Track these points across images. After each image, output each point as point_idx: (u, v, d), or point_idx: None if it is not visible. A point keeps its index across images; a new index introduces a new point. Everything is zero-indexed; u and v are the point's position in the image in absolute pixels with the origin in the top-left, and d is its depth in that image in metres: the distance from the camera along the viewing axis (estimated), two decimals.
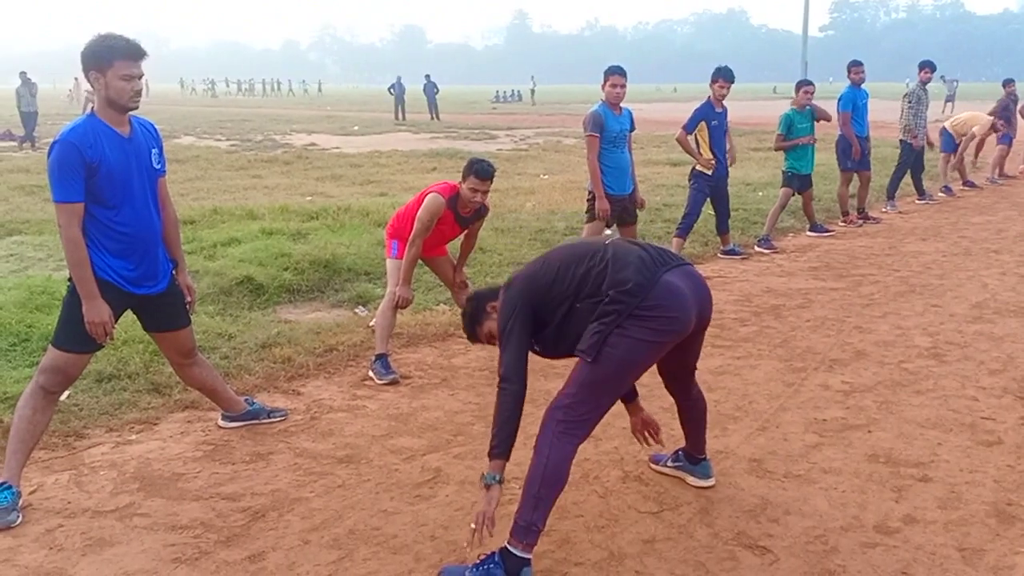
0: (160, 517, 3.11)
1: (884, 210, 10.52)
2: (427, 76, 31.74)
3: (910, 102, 10.39)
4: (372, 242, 7.33)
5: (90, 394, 4.16)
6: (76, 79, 49.47)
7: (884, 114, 20.27)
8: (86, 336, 3.25)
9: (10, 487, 3.10)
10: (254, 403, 4.05)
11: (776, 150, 9.10)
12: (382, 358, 4.65)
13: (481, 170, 4.58)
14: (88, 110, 3.38)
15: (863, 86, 9.60)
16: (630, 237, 6.17)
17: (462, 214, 4.75)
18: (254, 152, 17.88)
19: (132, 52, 3.17)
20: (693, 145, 7.60)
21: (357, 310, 5.94)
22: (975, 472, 3.47)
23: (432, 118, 30.53)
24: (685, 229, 7.48)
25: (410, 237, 4.65)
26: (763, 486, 3.37)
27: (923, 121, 10.44)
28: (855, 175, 9.64)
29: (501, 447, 2.74)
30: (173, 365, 3.84)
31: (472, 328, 3.12)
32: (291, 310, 5.93)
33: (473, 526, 2.71)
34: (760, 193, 10.84)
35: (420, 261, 4.93)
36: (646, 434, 3.36)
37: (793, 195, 8.69)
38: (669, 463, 3.44)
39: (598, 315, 2.65)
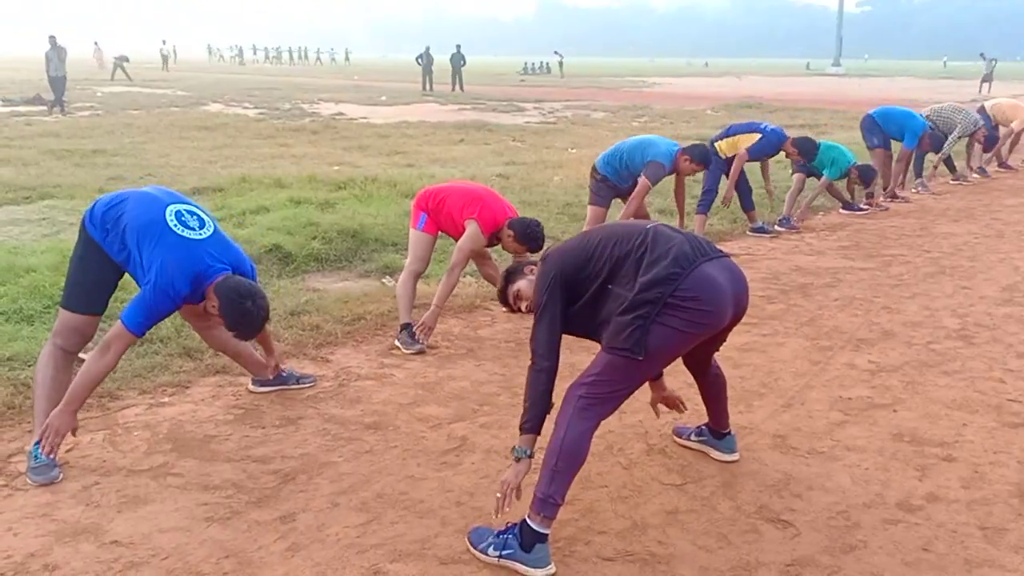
0: (193, 477, 3.18)
1: (914, 190, 10.39)
2: (457, 46, 31.58)
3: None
4: (399, 213, 7.36)
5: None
6: (96, 43, 49.87)
7: (917, 92, 19.96)
8: (92, 298, 3.33)
9: None
10: (283, 369, 4.11)
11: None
12: (407, 328, 4.70)
13: (535, 246, 4.64)
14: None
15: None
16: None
17: (493, 243, 4.82)
18: (282, 121, 17.95)
19: None
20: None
21: (384, 280, 5.98)
22: (999, 453, 3.47)
23: (453, 89, 30.40)
24: (706, 205, 7.44)
25: (450, 265, 4.70)
26: (787, 462, 3.38)
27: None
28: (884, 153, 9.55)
29: (532, 423, 2.77)
30: (195, 328, 3.91)
31: (505, 285, 3.13)
32: (319, 279, 5.99)
33: (499, 495, 2.76)
34: (791, 171, 10.73)
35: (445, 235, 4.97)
36: (661, 406, 3.39)
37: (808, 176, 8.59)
38: (693, 437, 3.46)
39: (632, 304, 2.61)
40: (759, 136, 7.47)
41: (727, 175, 7.72)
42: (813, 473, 3.29)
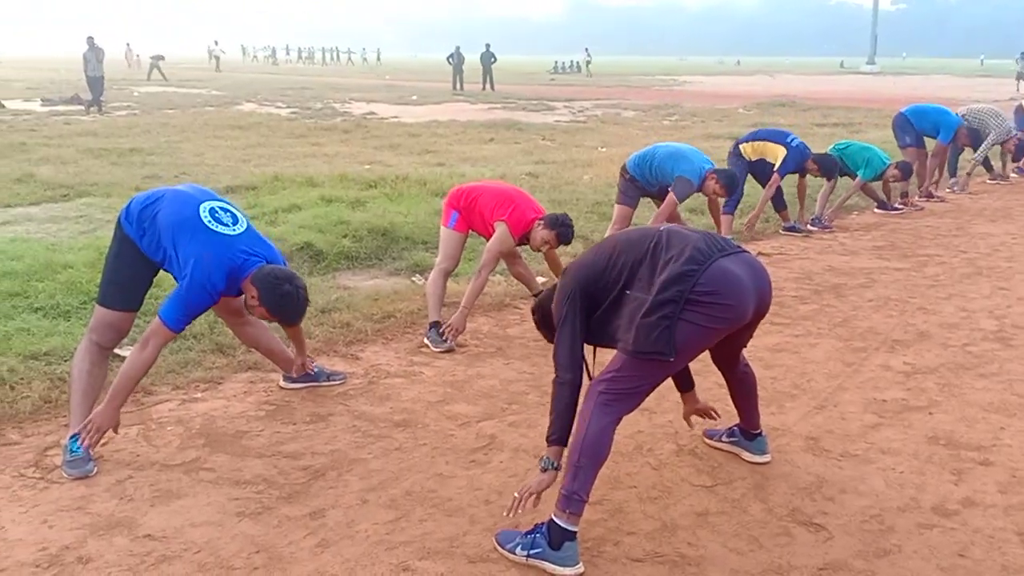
0: (224, 472, 3.21)
1: (949, 190, 10.22)
2: (487, 46, 31.62)
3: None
4: (429, 211, 7.38)
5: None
6: (128, 44, 50.55)
7: (954, 91, 19.67)
8: (128, 295, 3.38)
9: None
10: (314, 366, 4.13)
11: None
12: (436, 326, 4.71)
13: (565, 237, 4.68)
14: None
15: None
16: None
17: (522, 243, 4.84)
18: (314, 120, 18.08)
19: None
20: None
21: (414, 278, 6.00)
22: None
23: (483, 88, 30.42)
24: (732, 206, 7.37)
25: (479, 266, 4.74)
26: (819, 464, 3.34)
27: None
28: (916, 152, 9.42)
29: (557, 435, 2.77)
30: (228, 324, 3.97)
31: (551, 335, 3.06)
32: (350, 277, 6.02)
33: (516, 495, 2.76)
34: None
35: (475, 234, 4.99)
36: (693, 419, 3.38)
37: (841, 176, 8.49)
38: (724, 438, 3.43)
39: (654, 305, 2.59)
40: (784, 152, 7.38)
41: (754, 177, 7.65)
42: (846, 476, 3.25)
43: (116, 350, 3.61)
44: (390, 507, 2.99)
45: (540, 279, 5.40)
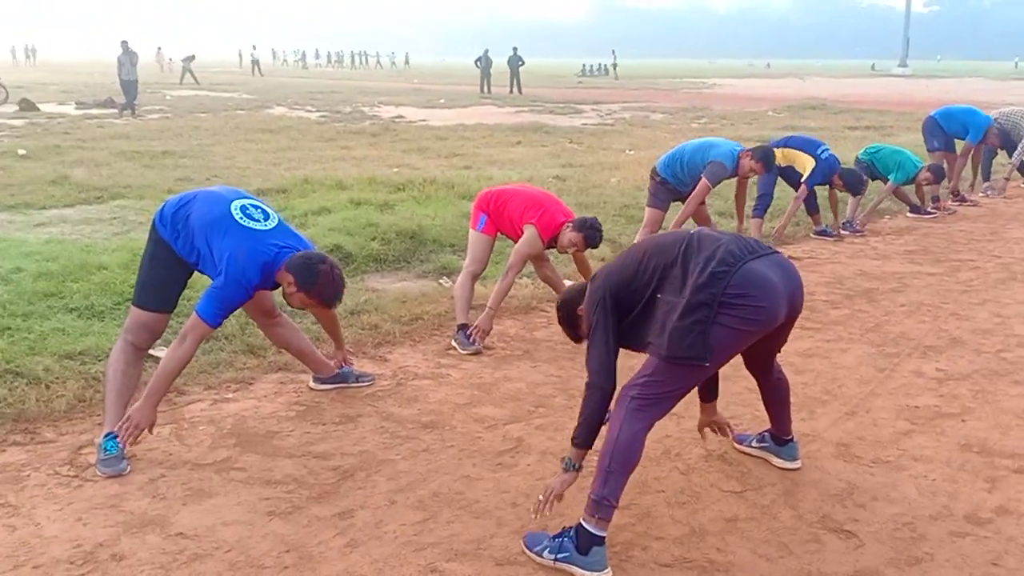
0: (255, 472, 3.24)
1: (982, 194, 10.08)
2: (514, 49, 31.65)
3: None
4: (457, 214, 7.40)
5: None
6: (159, 48, 51.17)
7: (988, 94, 19.40)
8: (162, 295, 3.43)
9: (115, 436, 3.27)
10: (343, 367, 4.16)
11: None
12: (464, 328, 4.72)
13: (593, 240, 4.67)
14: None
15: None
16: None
17: (551, 246, 4.85)
18: (343, 123, 18.20)
19: None
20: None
21: (441, 281, 6.02)
22: None
23: (511, 91, 30.44)
24: (762, 209, 7.31)
25: (506, 268, 4.76)
26: (850, 471, 3.31)
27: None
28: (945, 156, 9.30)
29: (582, 438, 2.77)
30: (259, 325, 4.01)
31: (574, 334, 3.11)
32: (378, 279, 6.06)
33: (540, 498, 2.76)
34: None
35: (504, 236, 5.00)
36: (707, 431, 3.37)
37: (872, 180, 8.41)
38: (754, 443, 3.41)
39: (687, 309, 2.57)
40: (813, 164, 7.31)
41: (785, 179, 7.59)
42: (878, 483, 3.22)
43: (150, 351, 3.66)
44: (418, 508, 3.00)
45: (567, 282, 5.39)
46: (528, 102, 26.08)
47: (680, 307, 2.59)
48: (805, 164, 7.35)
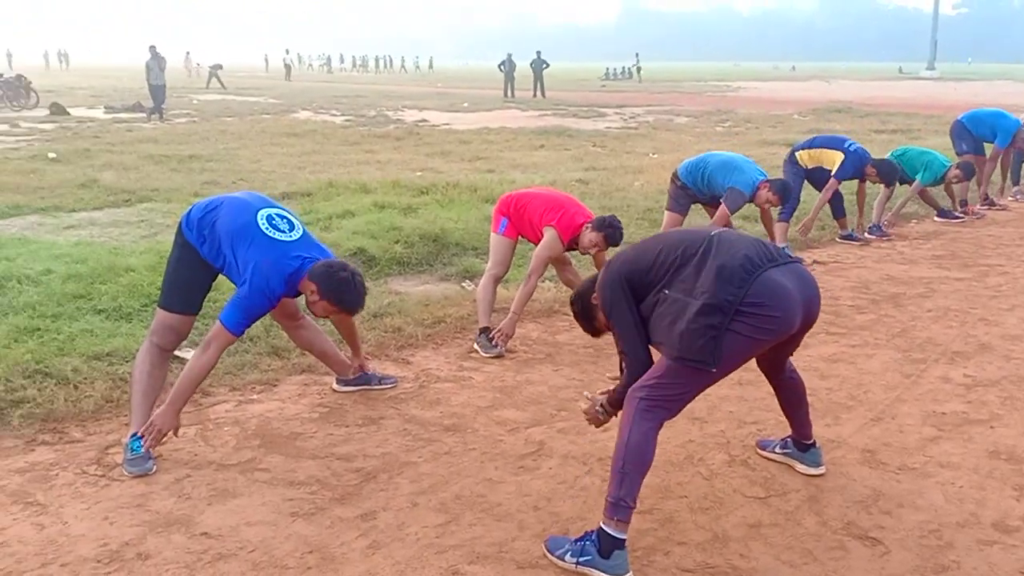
0: (279, 473, 3.27)
1: (1011, 198, 9.95)
2: (537, 53, 31.63)
3: None
4: (480, 218, 7.42)
5: None
6: (188, 53, 51.70)
7: (1017, 97, 19.17)
8: (188, 298, 3.47)
9: (142, 437, 3.31)
10: (367, 369, 4.18)
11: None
12: (486, 331, 4.73)
13: (613, 239, 4.64)
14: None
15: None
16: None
17: (572, 247, 4.83)
18: (367, 127, 18.29)
19: None
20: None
21: (464, 284, 6.03)
22: None
23: (534, 95, 30.42)
24: (787, 213, 7.24)
25: (528, 271, 4.77)
26: (876, 477, 3.28)
27: None
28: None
29: (618, 404, 2.90)
30: (283, 328, 4.05)
31: (590, 326, 3.12)
32: (401, 282, 6.08)
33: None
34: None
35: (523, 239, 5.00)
36: None
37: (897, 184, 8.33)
38: (777, 449, 3.38)
39: (702, 311, 2.56)
40: (842, 157, 7.26)
41: (812, 184, 7.54)
42: (904, 490, 3.18)
43: (176, 352, 3.70)
44: (440, 511, 3.01)
45: None
46: (551, 106, 26.07)
47: (694, 308, 2.58)
48: (834, 159, 7.28)
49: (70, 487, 3.14)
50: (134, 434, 3.31)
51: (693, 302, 2.59)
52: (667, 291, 2.69)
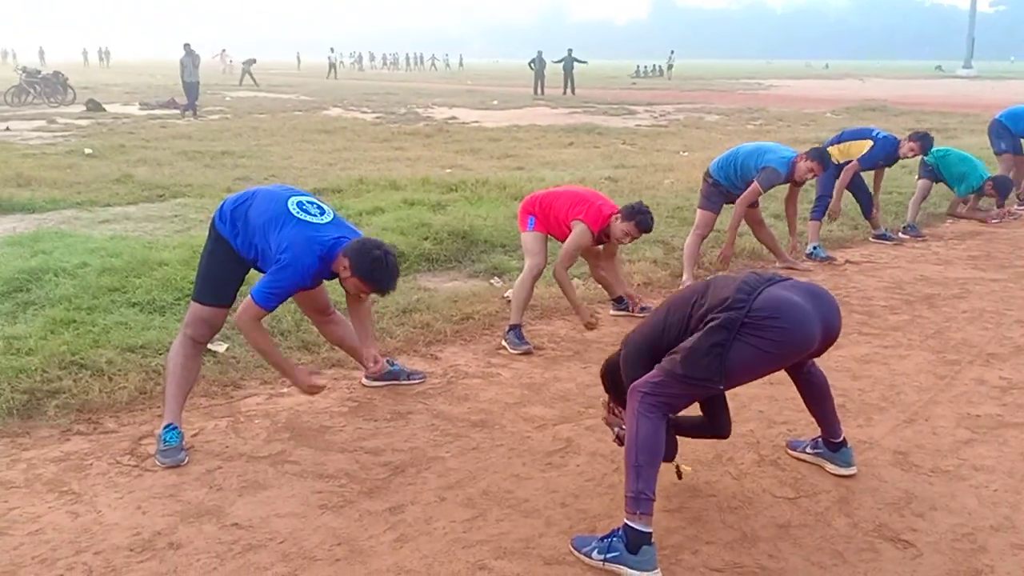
0: (309, 466, 3.30)
1: None
2: (569, 50, 31.56)
3: None
4: (508, 215, 7.41)
5: (246, 348, 4.41)
6: (223, 50, 52.28)
7: None
8: (221, 291, 3.51)
9: (175, 428, 3.36)
10: (395, 364, 4.21)
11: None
12: (516, 328, 4.73)
13: (645, 224, 4.64)
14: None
15: None
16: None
17: (603, 240, 4.83)
18: (397, 124, 18.37)
19: None
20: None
21: (492, 281, 6.04)
22: None
23: (564, 92, 30.36)
24: (820, 211, 7.16)
25: (557, 265, 4.78)
26: (908, 479, 3.24)
27: None
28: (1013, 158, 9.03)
29: None
30: (313, 322, 4.08)
31: (620, 398, 3.08)
32: (430, 278, 6.10)
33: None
34: (915, 175, 10.28)
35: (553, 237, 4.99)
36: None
37: (935, 183, 8.22)
38: (808, 450, 3.35)
39: (707, 331, 2.64)
40: (871, 144, 7.18)
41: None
42: (936, 492, 3.14)
43: (209, 345, 3.74)
44: (467, 506, 3.02)
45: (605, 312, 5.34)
46: (581, 103, 26.00)
47: (699, 333, 2.67)
48: (863, 148, 7.21)
49: (104, 476, 3.19)
50: (167, 425, 3.35)
51: (700, 331, 2.68)
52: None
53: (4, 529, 2.82)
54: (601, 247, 5.04)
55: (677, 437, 3.04)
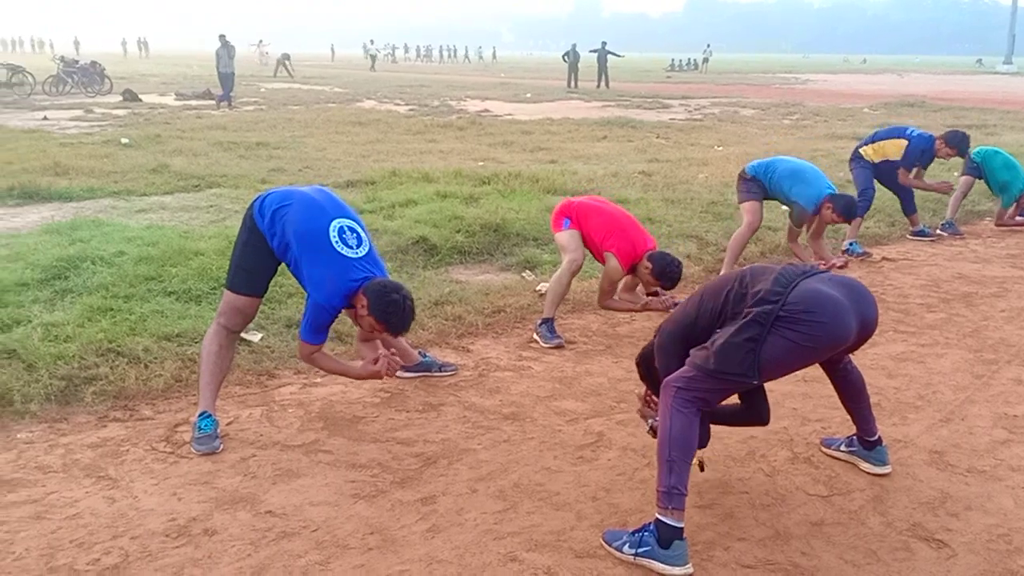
0: (341, 455, 3.33)
1: None
2: (603, 43, 31.40)
3: None
4: (541, 208, 7.41)
5: (280, 338, 4.48)
6: (261, 40, 52.79)
7: None
8: (255, 281, 3.55)
9: (210, 416, 3.40)
10: (427, 356, 4.23)
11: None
12: (548, 322, 4.73)
13: (670, 284, 4.60)
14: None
15: None
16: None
17: (630, 272, 4.78)
18: (431, 117, 18.40)
19: None
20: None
21: (524, 274, 6.04)
22: None
23: (598, 85, 30.22)
24: (862, 208, 7.07)
25: (599, 301, 4.88)
26: (943, 479, 3.20)
27: None
28: None
29: None
30: (350, 317, 4.09)
31: (655, 386, 3.08)
32: (462, 271, 6.12)
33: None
34: (956, 173, 10.11)
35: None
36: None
37: (976, 180, 8.07)
38: (843, 447, 3.32)
39: (742, 326, 2.63)
40: (906, 143, 7.08)
41: (880, 181, 7.35)
42: (972, 493, 3.10)
43: (243, 334, 3.78)
44: (498, 498, 3.03)
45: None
46: (615, 97, 25.88)
47: (733, 326, 2.65)
48: (899, 147, 7.13)
49: (140, 463, 3.24)
50: (202, 412, 3.40)
51: (734, 323, 2.67)
52: (719, 330, 2.74)
53: (42, 513, 2.88)
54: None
55: (711, 426, 3.03)
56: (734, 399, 3.05)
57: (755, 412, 3.07)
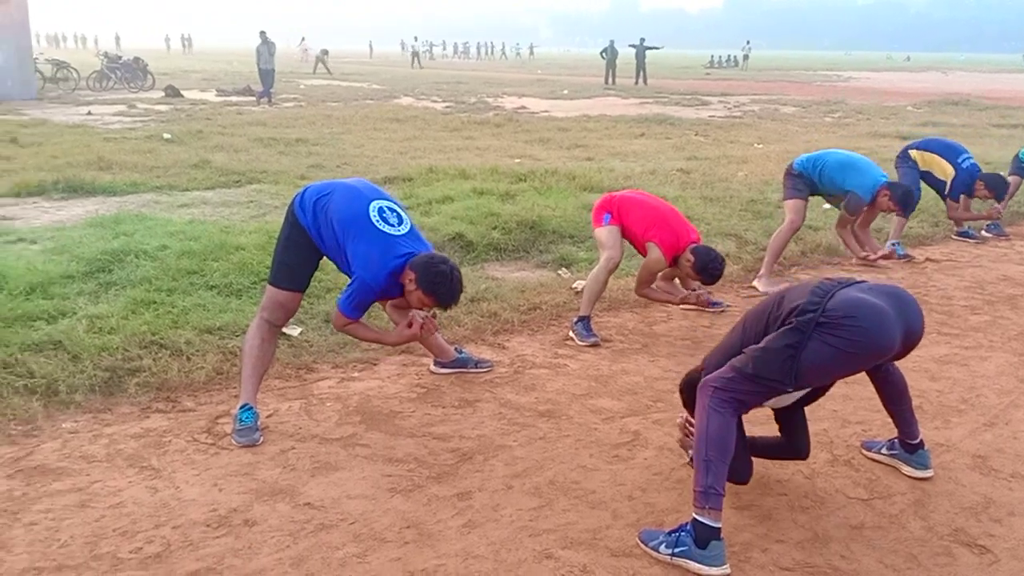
0: (379, 449, 3.35)
1: None
2: (641, 40, 31.20)
3: None
4: (577, 206, 7.40)
5: (319, 333, 4.52)
6: (303, 38, 53.28)
7: None
8: (296, 276, 3.60)
9: (251, 408, 3.45)
10: (463, 352, 4.24)
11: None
12: (584, 320, 4.72)
13: (711, 280, 4.62)
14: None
15: None
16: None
17: (672, 264, 4.77)
18: (467, 114, 18.43)
19: None
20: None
21: (560, 271, 6.03)
22: None
23: (636, 82, 30.05)
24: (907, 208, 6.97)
25: (637, 289, 4.89)
26: (987, 484, 3.14)
27: None
28: None
29: None
30: (390, 317, 4.12)
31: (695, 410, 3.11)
32: (498, 268, 6.13)
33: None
34: (1001, 173, 9.91)
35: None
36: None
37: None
38: (884, 450, 3.28)
39: (781, 333, 2.64)
40: (953, 174, 7.00)
41: (925, 182, 7.24)
42: (1016, 498, 3.04)
43: (284, 329, 3.82)
44: (534, 494, 3.03)
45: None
46: (653, 94, 25.72)
47: (773, 334, 2.67)
48: (945, 170, 7.03)
49: (182, 454, 3.29)
50: (243, 405, 3.44)
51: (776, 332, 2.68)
52: None
53: (87, 502, 2.94)
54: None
55: (752, 459, 3.00)
56: (774, 430, 3.05)
57: (794, 446, 3.05)
